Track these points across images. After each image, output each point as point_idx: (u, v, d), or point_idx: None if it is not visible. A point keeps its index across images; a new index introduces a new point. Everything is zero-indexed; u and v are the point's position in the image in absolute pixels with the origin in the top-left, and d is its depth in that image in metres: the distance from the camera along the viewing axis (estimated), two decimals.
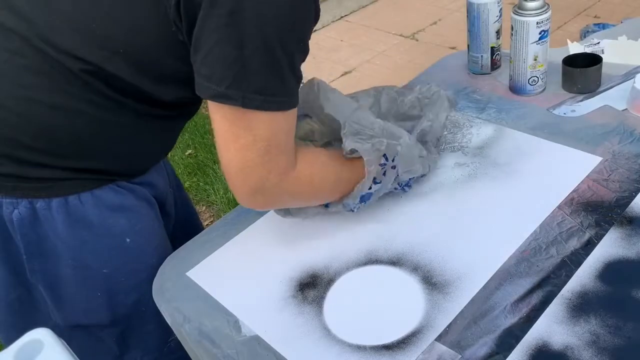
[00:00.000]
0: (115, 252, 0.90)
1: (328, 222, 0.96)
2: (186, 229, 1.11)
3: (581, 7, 3.36)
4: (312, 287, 0.85)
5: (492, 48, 1.24)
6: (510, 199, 0.93)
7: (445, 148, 1.07)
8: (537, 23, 1.08)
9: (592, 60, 1.15)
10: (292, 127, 0.80)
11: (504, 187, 0.96)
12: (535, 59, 1.13)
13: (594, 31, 2.71)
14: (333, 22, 3.74)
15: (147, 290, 0.91)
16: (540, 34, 1.09)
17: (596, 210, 0.88)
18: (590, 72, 1.14)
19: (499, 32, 1.23)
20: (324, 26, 3.69)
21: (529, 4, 1.08)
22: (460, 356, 0.72)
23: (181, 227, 1.12)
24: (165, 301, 0.88)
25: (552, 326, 0.73)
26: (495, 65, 1.27)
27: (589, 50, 1.26)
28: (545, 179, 0.96)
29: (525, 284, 0.79)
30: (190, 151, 2.75)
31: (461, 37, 1.30)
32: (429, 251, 0.87)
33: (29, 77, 0.79)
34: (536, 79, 1.16)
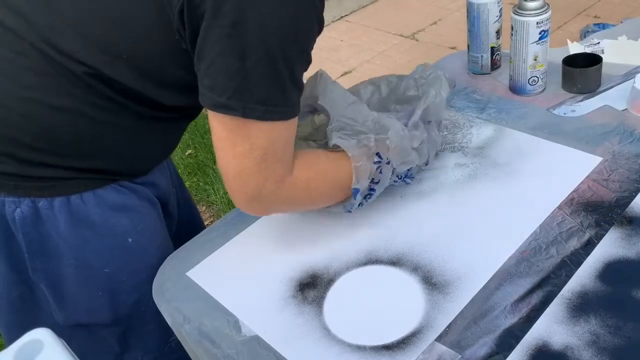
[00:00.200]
0: (117, 252, 0.90)
1: (328, 222, 0.96)
2: (188, 228, 1.11)
3: (581, 7, 3.36)
4: (312, 287, 0.85)
5: (492, 48, 1.24)
6: (510, 199, 0.93)
7: (445, 148, 1.07)
8: (537, 23, 1.08)
9: (592, 60, 1.15)
10: (291, 135, 0.80)
11: (504, 187, 0.96)
12: (535, 59, 1.13)
13: (594, 31, 2.71)
14: (333, 22, 3.74)
15: (148, 290, 0.91)
16: (540, 34, 1.09)
17: (596, 210, 0.88)
18: (590, 72, 1.14)
19: (499, 32, 1.23)
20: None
21: (529, 4, 1.08)
22: (460, 356, 0.72)
23: (183, 227, 1.12)
24: (165, 301, 0.88)
25: (552, 326, 0.73)
26: (495, 65, 1.27)
27: (589, 50, 1.26)
28: (545, 179, 0.96)
29: (525, 284, 0.79)
30: (190, 151, 2.75)
31: (461, 37, 1.30)
32: (429, 251, 0.87)
33: (32, 78, 0.79)
34: (536, 79, 1.16)
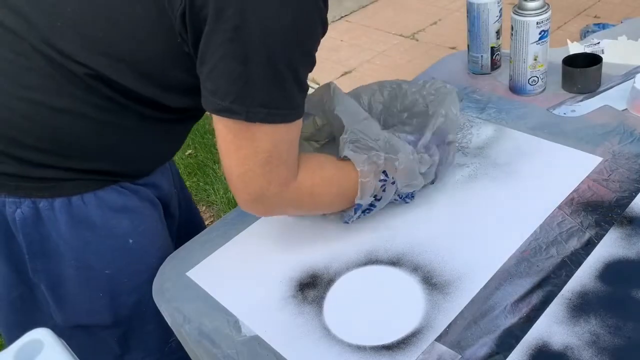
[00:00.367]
0: (118, 253, 0.90)
1: (328, 222, 0.95)
2: (189, 229, 1.11)
3: (581, 7, 3.36)
4: (312, 287, 0.85)
5: (492, 48, 1.24)
6: (510, 199, 0.93)
7: None
8: (537, 23, 1.08)
9: (592, 60, 1.15)
10: (295, 138, 0.80)
11: (504, 187, 0.96)
12: (535, 59, 1.13)
13: (594, 31, 2.71)
14: (333, 22, 3.74)
15: (149, 291, 0.91)
16: (540, 34, 1.09)
17: (596, 210, 0.88)
18: (590, 72, 1.14)
19: (499, 32, 1.23)
20: None
21: (529, 4, 1.08)
22: (460, 356, 0.72)
23: (184, 227, 1.12)
24: (165, 301, 0.88)
25: (552, 326, 0.73)
26: (495, 65, 1.27)
27: (589, 50, 1.26)
28: (545, 179, 0.96)
29: (525, 284, 0.79)
30: (190, 151, 2.75)
31: (461, 37, 1.30)
32: (429, 251, 0.87)
33: (33, 79, 0.79)
34: (536, 79, 1.16)
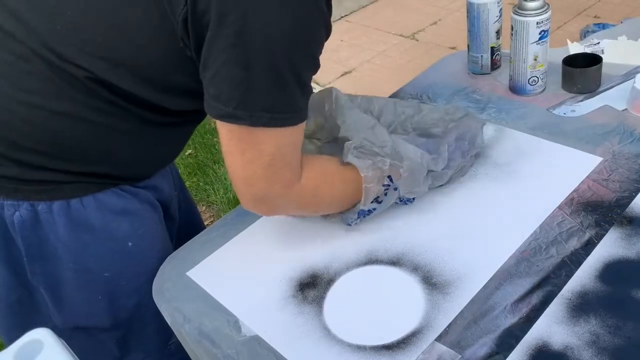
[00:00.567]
0: (117, 256, 0.90)
1: (328, 222, 0.95)
2: (189, 231, 1.10)
3: (581, 7, 3.36)
4: (312, 287, 0.85)
5: (492, 48, 1.24)
6: (510, 199, 0.93)
7: None
8: (537, 23, 1.08)
9: (592, 60, 1.15)
10: (298, 141, 0.80)
11: (504, 187, 0.96)
12: (535, 59, 1.13)
13: (594, 31, 2.71)
14: (333, 22, 3.70)
15: (148, 294, 0.91)
16: (540, 34, 1.09)
17: (596, 210, 0.88)
18: (590, 72, 1.14)
19: (499, 32, 1.23)
20: None
21: (529, 4, 1.08)
22: (460, 356, 0.72)
23: (184, 229, 1.12)
24: (165, 301, 0.88)
25: (552, 326, 0.73)
26: (495, 65, 1.27)
27: (589, 50, 1.26)
28: (545, 179, 0.96)
29: (525, 284, 0.79)
30: (190, 151, 2.75)
31: (461, 37, 1.30)
32: (429, 251, 0.87)
33: (33, 83, 0.79)
34: (536, 79, 1.16)
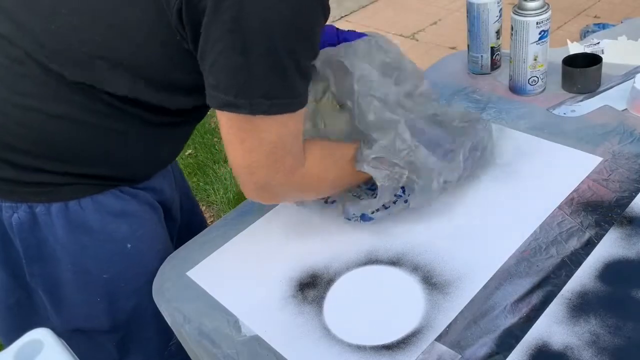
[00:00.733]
0: (116, 257, 0.89)
1: (328, 222, 0.96)
2: (190, 230, 1.09)
3: (581, 7, 3.36)
4: (312, 287, 0.85)
5: (492, 48, 1.24)
6: (510, 199, 0.93)
7: None
8: (537, 23, 1.08)
9: (592, 60, 1.15)
10: (300, 127, 0.80)
11: (504, 187, 0.96)
12: (535, 59, 1.13)
13: (594, 31, 2.71)
14: (333, 22, 3.73)
15: (147, 295, 0.90)
16: (540, 34, 1.09)
17: (596, 210, 0.88)
18: (590, 72, 1.14)
19: (499, 32, 1.23)
20: None
21: (529, 4, 1.08)
22: (460, 356, 0.72)
23: (186, 231, 1.10)
24: (165, 301, 0.88)
25: (552, 326, 0.73)
26: (495, 65, 1.27)
27: (589, 50, 1.26)
28: (545, 179, 0.96)
29: (525, 284, 0.79)
30: (190, 151, 2.75)
31: (461, 37, 1.30)
32: (429, 251, 0.87)
33: (28, 86, 0.78)
34: (536, 79, 1.15)
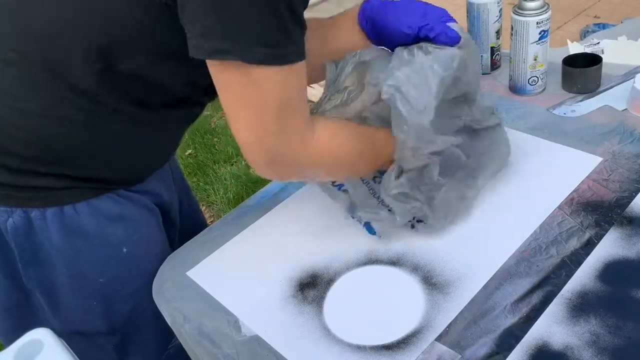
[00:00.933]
0: (112, 262, 0.89)
1: (328, 222, 0.96)
2: (191, 232, 1.07)
3: (581, 7, 3.36)
4: (312, 287, 0.85)
5: (492, 48, 1.24)
6: (510, 199, 0.93)
7: None
8: (537, 23, 1.08)
9: (592, 60, 1.15)
10: (303, 83, 0.72)
11: (504, 187, 0.96)
12: (535, 59, 1.13)
13: (594, 31, 2.71)
14: None
15: (145, 298, 0.90)
16: (540, 34, 1.09)
17: (596, 210, 0.88)
18: (590, 72, 1.14)
19: (499, 32, 1.23)
20: None
21: (529, 4, 1.08)
22: (460, 356, 0.72)
23: (186, 231, 1.09)
24: (165, 301, 0.88)
25: (552, 326, 0.73)
26: (495, 65, 1.27)
27: (589, 50, 1.26)
28: (545, 179, 0.96)
29: (525, 284, 0.79)
30: (190, 151, 2.75)
31: None
32: (429, 251, 0.87)
33: (21, 87, 0.77)
34: (536, 79, 1.16)
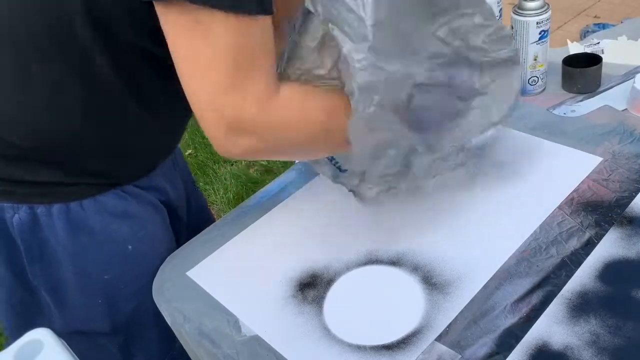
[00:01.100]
0: (116, 259, 0.89)
1: (328, 222, 0.96)
2: (200, 228, 1.06)
3: (581, 7, 3.36)
4: (312, 287, 0.85)
5: None
6: (510, 199, 0.93)
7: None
8: (537, 23, 1.08)
9: (592, 60, 1.15)
10: (268, 41, 0.65)
11: (504, 187, 0.96)
12: (535, 59, 1.13)
13: (594, 31, 2.72)
14: None
15: (148, 297, 0.90)
16: (540, 34, 1.09)
17: (596, 210, 0.88)
18: (590, 72, 1.14)
19: None
20: None
21: (529, 4, 1.08)
22: (460, 356, 0.72)
23: (195, 232, 1.10)
24: (165, 301, 0.88)
25: (552, 326, 0.73)
26: None
27: (589, 50, 1.26)
28: (546, 179, 0.96)
29: (525, 284, 0.79)
30: (190, 151, 2.75)
31: None
32: (429, 251, 0.87)
33: (15, 77, 0.76)
34: (536, 79, 1.16)
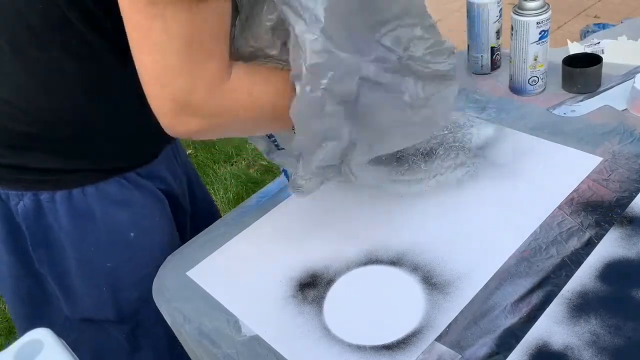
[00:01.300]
0: (117, 246, 0.89)
1: (328, 222, 0.96)
2: (207, 221, 1.05)
3: (581, 7, 3.36)
4: (312, 287, 0.85)
5: (492, 48, 1.24)
6: (510, 199, 0.93)
7: (449, 147, 1.07)
8: (537, 23, 1.08)
9: (592, 60, 1.15)
10: (223, 25, 0.65)
11: (504, 187, 0.96)
12: (535, 59, 1.13)
13: (594, 31, 2.71)
14: None
15: (151, 289, 0.91)
16: (540, 34, 1.09)
17: (596, 210, 0.88)
18: (590, 72, 1.14)
19: (499, 32, 1.23)
20: None
21: (529, 4, 1.08)
22: (460, 356, 0.72)
23: (201, 220, 1.09)
24: (165, 301, 0.88)
25: (552, 326, 0.73)
26: (495, 65, 1.27)
27: (589, 50, 1.26)
28: (545, 179, 0.96)
29: (525, 284, 0.79)
30: (190, 151, 2.75)
31: (461, 37, 1.30)
32: (429, 251, 0.87)
33: (14, 65, 0.77)
34: (536, 79, 1.16)
